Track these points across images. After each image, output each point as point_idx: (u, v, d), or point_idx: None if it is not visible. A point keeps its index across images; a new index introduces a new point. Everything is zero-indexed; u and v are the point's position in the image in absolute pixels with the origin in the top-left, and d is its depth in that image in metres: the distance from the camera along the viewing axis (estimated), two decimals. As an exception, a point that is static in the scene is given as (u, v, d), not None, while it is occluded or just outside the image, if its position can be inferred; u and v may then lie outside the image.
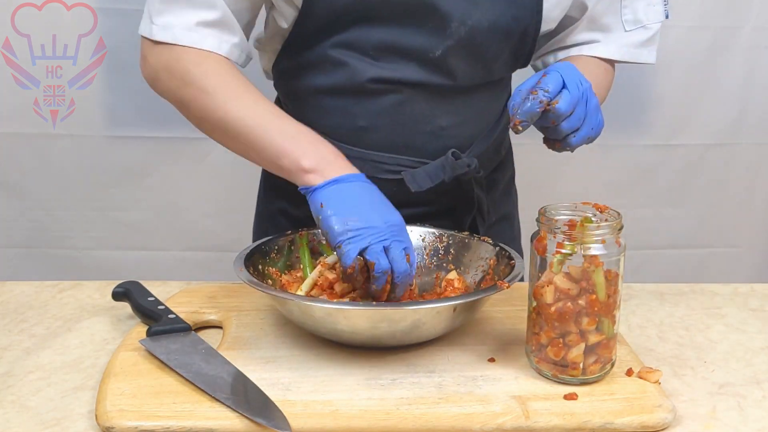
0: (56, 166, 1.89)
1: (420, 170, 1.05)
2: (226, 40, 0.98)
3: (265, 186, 1.21)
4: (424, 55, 1.00)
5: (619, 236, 0.77)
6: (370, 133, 1.05)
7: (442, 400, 0.75)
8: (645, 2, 1.10)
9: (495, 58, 1.04)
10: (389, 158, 1.05)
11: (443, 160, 1.05)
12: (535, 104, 0.83)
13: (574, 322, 0.76)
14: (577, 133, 0.89)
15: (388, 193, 1.07)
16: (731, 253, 2.08)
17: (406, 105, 1.03)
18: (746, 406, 0.77)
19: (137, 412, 0.72)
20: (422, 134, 1.05)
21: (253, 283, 0.85)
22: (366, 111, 1.04)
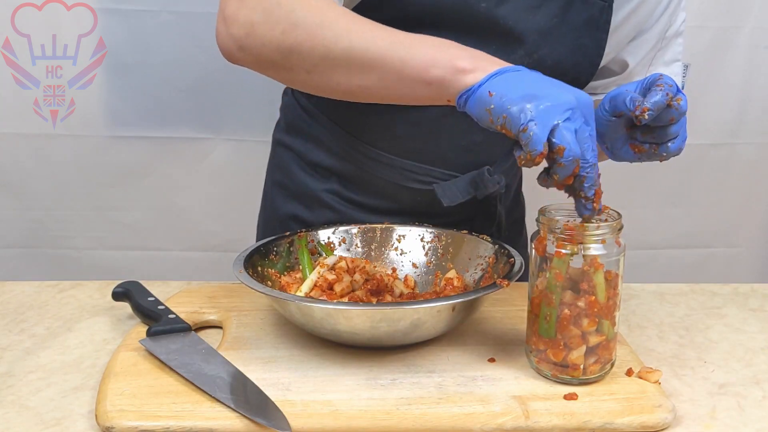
0: (56, 166, 1.89)
1: (451, 184, 1.00)
2: None
3: (273, 189, 1.19)
4: None
5: (619, 236, 0.77)
6: (405, 142, 1.04)
7: (442, 400, 0.75)
8: (668, 71, 1.12)
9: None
10: (419, 168, 1.05)
11: (475, 176, 0.99)
12: (663, 96, 0.79)
13: (574, 324, 0.76)
14: (677, 139, 0.88)
15: (410, 201, 1.07)
16: (731, 253, 2.08)
17: (447, 119, 1.02)
18: (746, 406, 0.77)
19: (137, 412, 0.72)
20: (456, 148, 1.05)
21: (252, 285, 0.85)
22: (406, 121, 1.03)
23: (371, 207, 1.09)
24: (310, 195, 1.11)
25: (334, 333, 0.83)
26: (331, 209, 1.09)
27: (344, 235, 1.03)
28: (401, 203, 1.07)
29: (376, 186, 1.05)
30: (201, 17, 1.77)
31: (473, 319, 0.92)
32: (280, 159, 1.15)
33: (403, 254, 1.03)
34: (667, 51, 1.14)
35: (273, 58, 0.87)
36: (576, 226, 0.75)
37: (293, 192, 1.13)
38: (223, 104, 1.85)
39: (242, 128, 1.85)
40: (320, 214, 1.09)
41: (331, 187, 1.09)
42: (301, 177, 1.11)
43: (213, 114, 1.85)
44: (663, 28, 1.11)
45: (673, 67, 1.14)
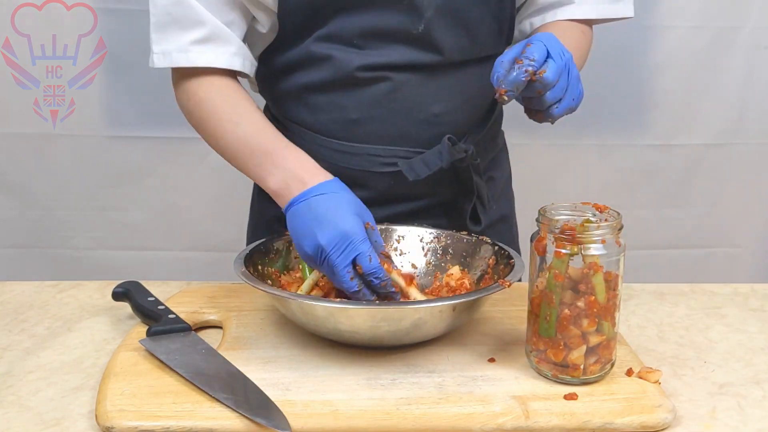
0: (56, 166, 1.89)
1: (416, 159, 1.04)
2: (222, 52, 0.99)
3: (259, 193, 1.20)
4: (407, 34, 0.99)
5: (619, 236, 0.77)
6: (362, 126, 1.04)
7: (442, 400, 0.75)
8: None
9: (478, 24, 1.03)
10: (384, 150, 1.05)
11: (440, 147, 1.03)
12: (521, 73, 0.80)
13: (574, 324, 0.76)
14: (559, 103, 0.86)
15: (386, 186, 1.06)
16: (731, 253, 2.08)
17: (397, 92, 1.02)
18: (746, 406, 0.77)
19: (137, 412, 0.72)
20: (416, 122, 1.04)
21: (254, 283, 0.85)
22: (357, 103, 1.03)
23: None
24: None
25: (336, 332, 0.83)
26: None
27: None
28: (375, 190, 1.06)
29: (348, 177, 1.04)
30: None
31: (473, 320, 0.92)
32: None
33: (403, 255, 1.03)
34: None
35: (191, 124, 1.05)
36: (576, 226, 0.75)
37: None
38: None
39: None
40: None
41: None
42: None
43: (213, 114, 1.85)
44: None
45: None
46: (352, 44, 1.00)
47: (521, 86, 0.81)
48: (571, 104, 0.88)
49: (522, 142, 1.17)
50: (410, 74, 1.02)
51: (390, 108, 1.03)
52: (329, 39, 1.00)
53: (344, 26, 0.99)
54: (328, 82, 1.02)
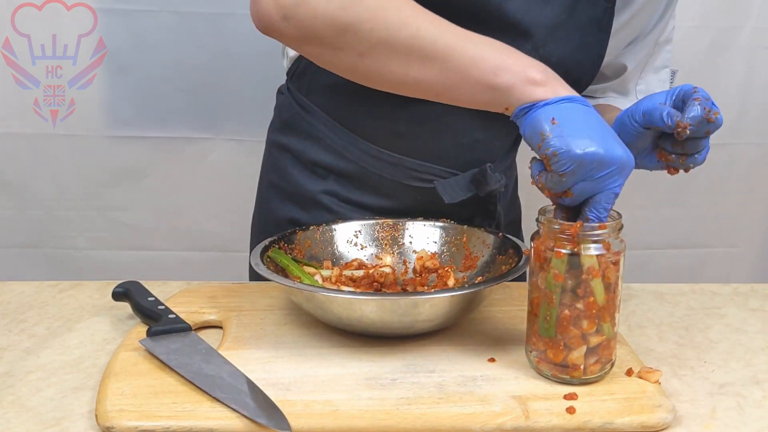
0: (56, 166, 1.89)
1: (452, 181, 1.04)
2: None
3: (269, 191, 1.17)
4: None
5: (619, 236, 0.77)
6: (406, 140, 1.04)
7: (442, 400, 0.75)
8: (657, 78, 1.16)
9: None
10: (420, 166, 1.05)
11: (476, 174, 1.03)
12: (701, 110, 0.81)
13: (574, 324, 0.76)
14: (704, 150, 0.88)
15: (411, 200, 1.07)
16: (731, 253, 2.08)
17: (449, 116, 1.02)
18: (746, 406, 0.77)
19: (137, 412, 0.72)
20: (458, 145, 1.04)
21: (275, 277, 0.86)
22: (409, 118, 1.02)
23: (370, 206, 1.09)
24: (306, 196, 1.10)
25: (346, 321, 0.84)
26: (328, 210, 1.09)
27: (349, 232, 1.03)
28: (401, 202, 1.07)
29: (375, 184, 1.05)
30: (201, 17, 1.77)
31: (473, 319, 0.92)
32: (275, 160, 1.15)
33: (414, 252, 1.03)
34: (657, 57, 1.16)
35: (323, 33, 0.81)
36: (575, 226, 0.75)
37: (289, 194, 1.12)
38: (223, 104, 1.85)
39: (242, 128, 1.85)
40: (318, 216, 1.08)
41: (329, 188, 1.09)
42: (297, 178, 1.11)
43: (213, 114, 1.85)
44: (658, 34, 1.12)
45: (662, 73, 1.17)
46: None
47: (701, 122, 0.81)
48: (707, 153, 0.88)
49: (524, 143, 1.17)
50: None
51: (438, 128, 1.03)
52: None
53: None
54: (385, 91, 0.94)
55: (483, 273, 0.98)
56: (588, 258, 0.75)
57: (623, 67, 1.13)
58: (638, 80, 1.16)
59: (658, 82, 1.17)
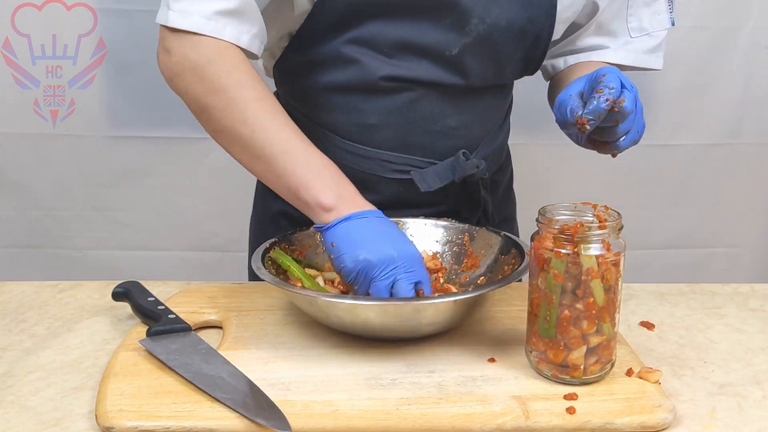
0: (56, 166, 1.89)
1: (429, 170, 1.05)
2: (246, 31, 0.93)
3: (263, 188, 1.19)
4: (440, 54, 1.00)
5: (619, 236, 0.77)
6: (379, 132, 1.05)
7: (442, 400, 0.75)
8: (650, 10, 1.11)
9: (509, 59, 1.05)
10: (397, 157, 1.06)
11: (453, 161, 1.05)
12: (602, 102, 0.81)
13: (574, 325, 0.76)
14: (627, 135, 0.88)
15: (396, 193, 1.07)
16: (731, 253, 2.08)
17: (417, 104, 1.03)
18: (746, 406, 0.77)
19: (137, 412, 0.72)
20: (432, 134, 1.05)
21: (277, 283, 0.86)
22: (377, 109, 1.04)
23: None
24: None
25: (350, 326, 0.84)
26: None
27: None
28: (384, 195, 1.07)
29: (356, 179, 1.04)
30: (201, 17, 1.77)
31: (473, 319, 0.92)
32: None
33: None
34: None
35: (190, 106, 0.96)
36: (576, 226, 0.75)
37: None
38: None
39: (242, 128, 1.85)
40: None
41: None
42: None
43: (213, 114, 1.85)
44: None
45: (656, 5, 1.11)
46: (382, 52, 1.00)
47: (602, 115, 0.82)
48: (636, 136, 0.89)
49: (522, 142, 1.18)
50: (432, 90, 1.03)
51: (408, 117, 1.04)
52: (360, 43, 0.99)
53: (378, 33, 0.99)
54: (351, 85, 1.02)
55: (486, 273, 0.98)
56: (587, 258, 0.75)
57: (595, 7, 1.09)
58: (628, 17, 1.11)
59: (653, 15, 1.11)
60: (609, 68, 0.87)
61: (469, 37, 0.99)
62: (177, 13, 0.91)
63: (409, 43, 0.99)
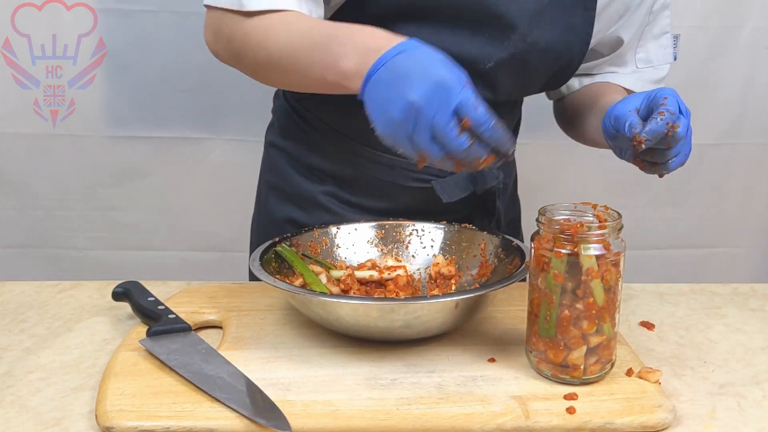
0: (56, 166, 1.89)
1: (449, 180, 1.05)
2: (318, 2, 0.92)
3: (267, 191, 1.17)
4: (474, 66, 0.95)
5: (619, 236, 0.77)
6: None
7: (442, 400, 0.75)
8: (657, 44, 1.14)
9: (537, 79, 1.05)
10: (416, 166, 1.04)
11: (474, 173, 1.05)
12: (662, 125, 0.83)
13: (574, 325, 0.76)
14: (676, 158, 0.89)
15: (409, 200, 1.07)
16: (731, 253, 2.08)
17: None
18: (746, 406, 0.77)
19: (137, 412, 0.72)
20: None
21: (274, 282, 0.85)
22: None
23: (369, 208, 1.08)
24: (306, 197, 1.10)
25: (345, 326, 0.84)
26: (328, 211, 1.09)
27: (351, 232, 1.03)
28: (400, 203, 1.07)
29: (374, 187, 1.05)
30: (201, 17, 1.76)
31: (473, 320, 0.92)
32: (274, 161, 1.15)
33: (425, 248, 1.02)
34: (655, 25, 1.13)
35: (230, 62, 0.96)
36: (576, 226, 0.75)
37: (288, 194, 1.12)
38: (223, 104, 1.85)
39: (242, 128, 1.85)
40: (317, 217, 1.08)
41: (328, 189, 1.09)
42: (296, 179, 1.11)
43: (213, 114, 1.85)
44: (651, 2, 1.10)
45: (662, 39, 1.14)
46: None
47: (660, 137, 0.84)
48: (683, 160, 0.90)
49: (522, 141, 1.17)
50: None
51: None
52: None
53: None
54: None
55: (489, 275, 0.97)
56: (587, 258, 0.75)
57: (619, 41, 1.11)
58: (637, 49, 1.14)
59: (659, 48, 1.15)
60: (670, 91, 0.87)
61: (506, 52, 0.98)
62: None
63: (445, 52, 0.95)
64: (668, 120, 0.83)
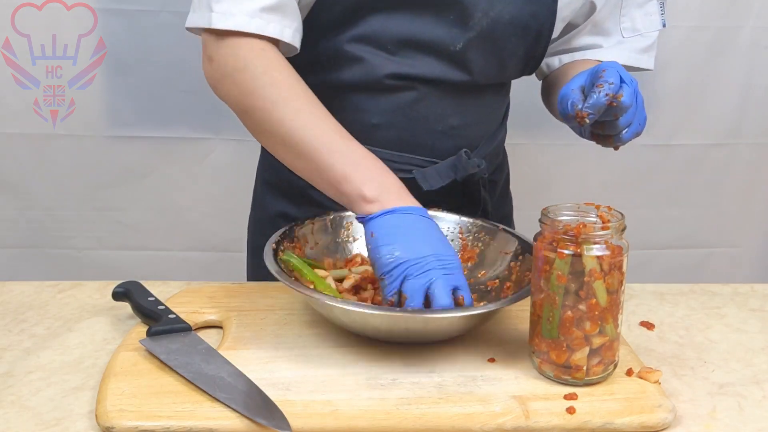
0: (56, 166, 1.89)
1: (431, 169, 1.06)
2: (288, 25, 0.94)
3: (263, 188, 1.19)
4: (444, 49, 1.01)
5: (622, 237, 0.77)
6: (382, 131, 1.05)
7: (443, 400, 0.75)
8: (642, 12, 1.12)
9: (511, 55, 1.05)
10: (399, 157, 1.06)
11: (454, 160, 1.06)
12: (601, 97, 0.83)
13: (577, 326, 0.76)
14: (629, 128, 0.89)
15: None
16: (731, 253, 2.08)
17: (420, 103, 1.04)
18: (746, 406, 0.77)
19: (137, 412, 0.72)
20: (434, 133, 1.06)
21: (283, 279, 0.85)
22: (380, 108, 1.04)
23: None
24: (297, 192, 1.11)
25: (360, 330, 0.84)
26: (318, 205, 1.09)
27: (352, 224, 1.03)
28: None
29: None
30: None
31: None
32: (269, 158, 1.14)
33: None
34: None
35: (234, 108, 0.97)
36: (579, 227, 0.75)
37: (282, 190, 1.14)
38: (223, 104, 1.84)
39: (242, 128, 1.82)
40: (307, 211, 1.08)
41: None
42: (287, 174, 1.09)
43: (213, 114, 1.85)
44: None
45: (648, 6, 1.12)
46: (386, 49, 1.00)
47: (602, 109, 0.84)
48: (638, 129, 0.90)
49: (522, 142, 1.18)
50: (435, 88, 1.04)
51: (411, 117, 1.05)
52: (364, 40, 1.00)
53: (381, 29, 0.99)
54: (354, 83, 1.03)
55: (487, 269, 0.97)
56: (590, 259, 0.75)
57: (592, 7, 1.10)
58: (621, 17, 1.12)
59: (645, 16, 1.12)
60: (609, 63, 0.88)
61: (473, 31, 1.00)
62: (220, 15, 0.91)
63: (413, 39, 1.00)
64: (608, 91, 0.83)
